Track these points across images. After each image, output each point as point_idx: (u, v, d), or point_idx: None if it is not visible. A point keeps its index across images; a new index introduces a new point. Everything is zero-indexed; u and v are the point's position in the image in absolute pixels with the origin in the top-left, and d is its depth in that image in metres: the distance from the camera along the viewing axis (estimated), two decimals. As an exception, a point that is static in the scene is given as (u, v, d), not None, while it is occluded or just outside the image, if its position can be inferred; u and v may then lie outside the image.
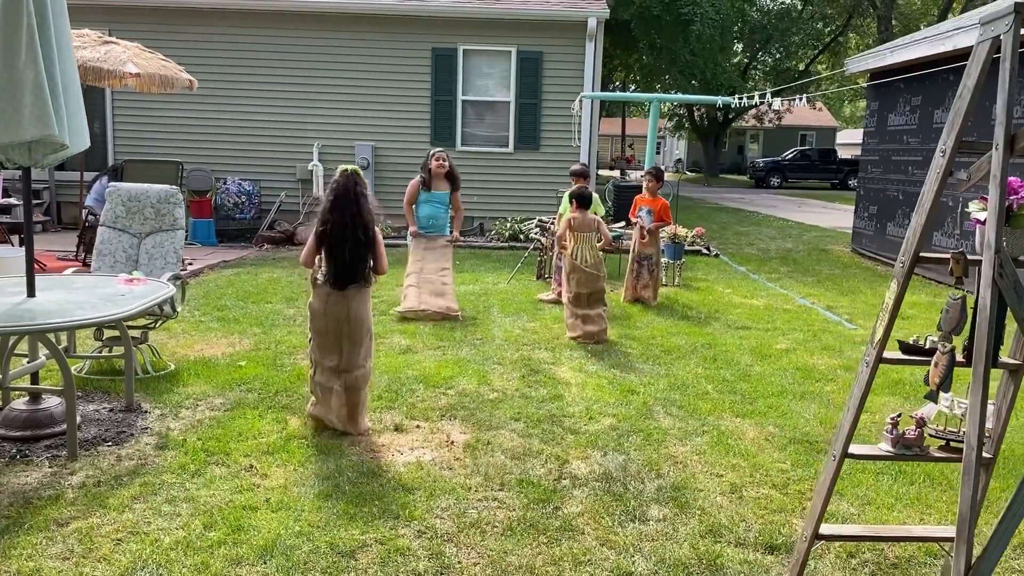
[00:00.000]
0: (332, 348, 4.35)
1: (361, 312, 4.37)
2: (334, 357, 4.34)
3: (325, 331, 4.35)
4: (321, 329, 4.36)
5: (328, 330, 4.34)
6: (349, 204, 4.26)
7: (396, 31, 12.81)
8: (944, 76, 10.17)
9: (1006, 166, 2.24)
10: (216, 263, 9.90)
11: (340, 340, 4.34)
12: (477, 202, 12.72)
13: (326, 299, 4.33)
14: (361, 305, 4.38)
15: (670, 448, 4.33)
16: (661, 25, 22.12)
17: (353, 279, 4.33)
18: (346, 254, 4.28)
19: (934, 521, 3.59)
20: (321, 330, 4.36)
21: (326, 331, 4.35)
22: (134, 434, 4.26)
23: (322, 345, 4.37)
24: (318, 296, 4.37)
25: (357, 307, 4.35)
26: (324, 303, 4.33)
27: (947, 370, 2.53)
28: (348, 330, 4.34)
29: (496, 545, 3.22)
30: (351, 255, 4.28)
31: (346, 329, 4.33)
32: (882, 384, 5.53)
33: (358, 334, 4.37)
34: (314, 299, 4.40)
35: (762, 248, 13.54)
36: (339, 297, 4.31)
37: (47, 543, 3.11)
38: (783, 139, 47.15)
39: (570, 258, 6.70)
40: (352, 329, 4.34)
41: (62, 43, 3.92)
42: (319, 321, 4.35)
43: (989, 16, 2.29)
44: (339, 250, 4.28)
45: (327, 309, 4.32)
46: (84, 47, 8.49)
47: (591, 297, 6.62)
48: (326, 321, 4.33)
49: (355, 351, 4.36)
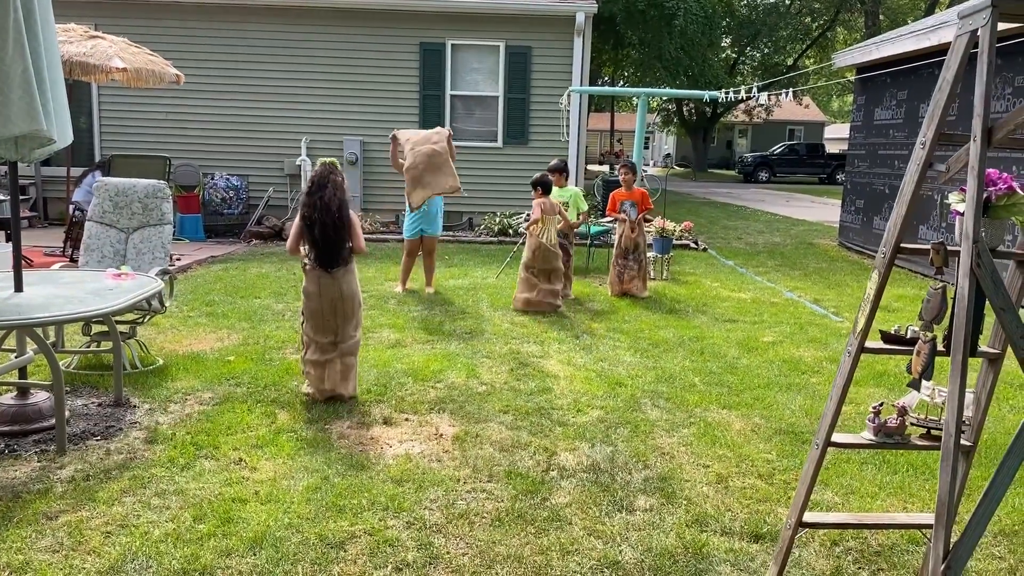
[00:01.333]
0: (327, 327, 4.76)
1: (352, 289, 4.80)
2: (329, 334, 4.76)
3: (320, 311, 4.74)
4: (316, 310, 4.74)
5: (323, 310, 4.74)
6: (324, 190, 4.64)
7: (384, 25, 12.79)
8: (929, 70, 10.26)
9: (983, 158, 2.28)
10: (204, 258, 9.88)
11: (335, 317, 4.76)
12: (466, 197, 12.72)
13: (319, 282, 4.71)
14: (351, 283, 4.80)
15: (657, 440, 4.36)
16: (647, 20, 22.14)
17: (336, 260, 4.71)
18: (326, 237, 4.64)
19: (917, 509, 3.65)
20: (316, 311, 4.74)
21: (321, 311, 4.74)
22: (123, 428, 4.27)
23: (316, 326, 4.76)
24: (311, 280, 4.74)
25: (348, 286, 4.77)
26: (318, 286, 4.72)
27: (928, 359, 2.57)
28: (342, 307, 4.76)
29: (484, 536, 3.25)
30: (331, 237, 4.65)
31: (340, 307, 4.75)
32: (867, 375, 5.59)
33: (350, 309, 4.80)
34: (308, 283, 4.75)
35: (750, 242, 13.61)
36: (330, 279, 4.70)
37: (37, 536, 3.12)
38: (771, 134, 47.31)
39: (536, 237, 7.41)
40: (345, 306, 4.77)
41: (48, 38, 3.91)
42: (314, 302, 4.74)
43: (967, 10, 2.33)
44: (319, 234, 4.64)
45: (321, 291, 4.72)
46: (70, 42, 8.44)
47: (545, 272, 7.39)
48: (320, 302, 4.73)
49: (347, 323, 4.81)
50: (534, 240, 7.44)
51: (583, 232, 9.97)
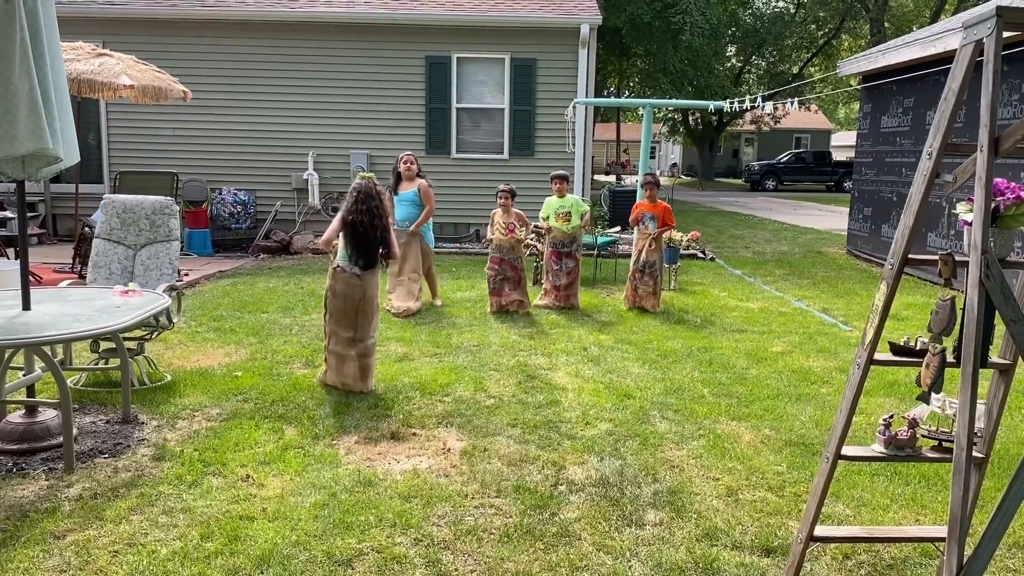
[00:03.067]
0: (349, 323, 5.23)
1: (373, 292, 5.32)
2: (350, 330, 5.22)
3: (344, 309, 5.23)
4: (340, 308, 5.24)
5: (346, 308, 5.23)
6: (371, 201, 5.25)
7: (390, 39, 12.85)
8: (935, 78, 10.22)
9: (991, 167, 2.26)
10: (212, 273, 9.91)
11: (356, 316, 5.24)
12: (473, 208, 12.75)
13: (347, 283, 5.21)
14: (373, 286, 5.33)
15: (666, 452, 4.34)
16: (652, 32, 22.18)
17: (374, 262, 5.28)
18: (369, 241, 5.22)
19: (929, 521, 3.61)
20: (340, 308, 5.24)
21: (344, 309, 5.23)
22: (131, 446, 4.26)
23: (339, 320, 5.24)
24: (340, 281, 5.23)
25: (371, 289, 5.30)
26: (345, 286, 5.22)
27: (938, 371, 2.55)
28: (364, 307, 5.25)
29: (493, 552, 3.23)
30: (374, 242, 5.24)
31: (362, 307, 5.25)
32: (877, 385, 5.55)
33: (371, 310, 5.31)
34: (336, 283, 5.25)
35: (757, 251, 13.58)
36: (358, 281, 5.22)
37: (44, 556, 3.11)
38: (778, 142, 47.25)
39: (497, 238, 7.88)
40: (367, 307, 5.27)
41: (54, 57, 3.93)
42: (340, 301, 5.24)
43: (972, 19, 2.31)
44: (363, 239, 5.21)
45: (347, 291, 5.21)
46: (78, 59, 8.51)
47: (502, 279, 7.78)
48: (345, 301, 5.22)
49: (367, 323, 5.27)
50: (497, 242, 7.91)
51: (590, 243, 9.97)
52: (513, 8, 12.96)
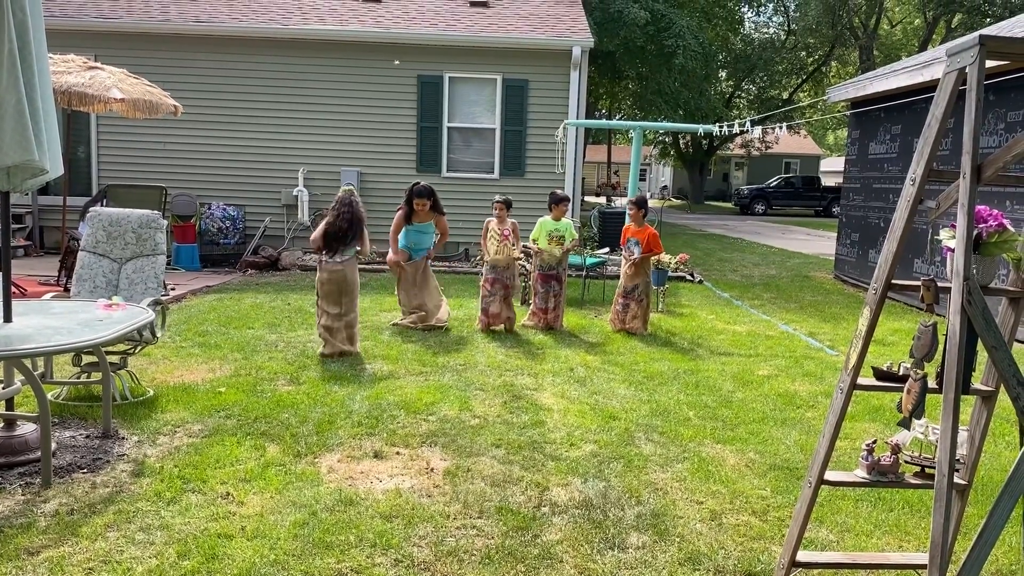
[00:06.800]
0: (335, 301, 6.59)
1: (353, 276, 6.68)
2: (337, 307, 6.57)
3: (331, 291, 6.59)
4: (329, 291, 6.60)
5: (333, 290, 6.59)
6: (344, 207, 6.69)
7: (382, 58, 12.90)
8: (922, 105, 10.32)
9: (974, 194, 2.27)
10: (199, 288, 9.86)
11: (340, 296, 6.59)
12: (463, 228, 12.75)
13: (330, 270, 6.60)
14: (353, 272, 6.68)
15: (651, 475, 4.32)
16: (646, 56, 22.37)
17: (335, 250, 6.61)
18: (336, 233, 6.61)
19: (913, 548, 3.59)
20: (329, 291, 6.60)
21: (331, 291, 6.59)
22: (110, 461, 4.21)
23: (328, 300, 6.59)
24: (324, 270, 6.63)
25: (351, 274, 6.66)
26: (330, 273, 6.60)
27: (919, 397, 2.55)
28: (347, 288, 6.62)
29: (474, 573, 3.20)
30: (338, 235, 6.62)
31: (345, 288, 6.61)
32: (862, 410, 5.55)
33: (352, 291, 6.67)
34: (322, 273, 6.64)
35: (745, 274, 13.62)
36: (339, 267, 6.59)
37: (17, 573, 3.06)
38: (768, 167, 47.61)
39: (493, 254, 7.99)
40: (349, 287, 6.63)
41: (42, 69, 3.92)
42: (328, 285, 6.60)
43: (955, 48, 2.34)
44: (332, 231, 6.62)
45: (332, 277, 6.60)
46: (69, 72, 8.50)
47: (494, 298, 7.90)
48: (331, 284, 6.59)
49: (350, 302, 6.64)
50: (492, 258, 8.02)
51: (578, 263, 9.98)
52: (506, 29, 13.05)
